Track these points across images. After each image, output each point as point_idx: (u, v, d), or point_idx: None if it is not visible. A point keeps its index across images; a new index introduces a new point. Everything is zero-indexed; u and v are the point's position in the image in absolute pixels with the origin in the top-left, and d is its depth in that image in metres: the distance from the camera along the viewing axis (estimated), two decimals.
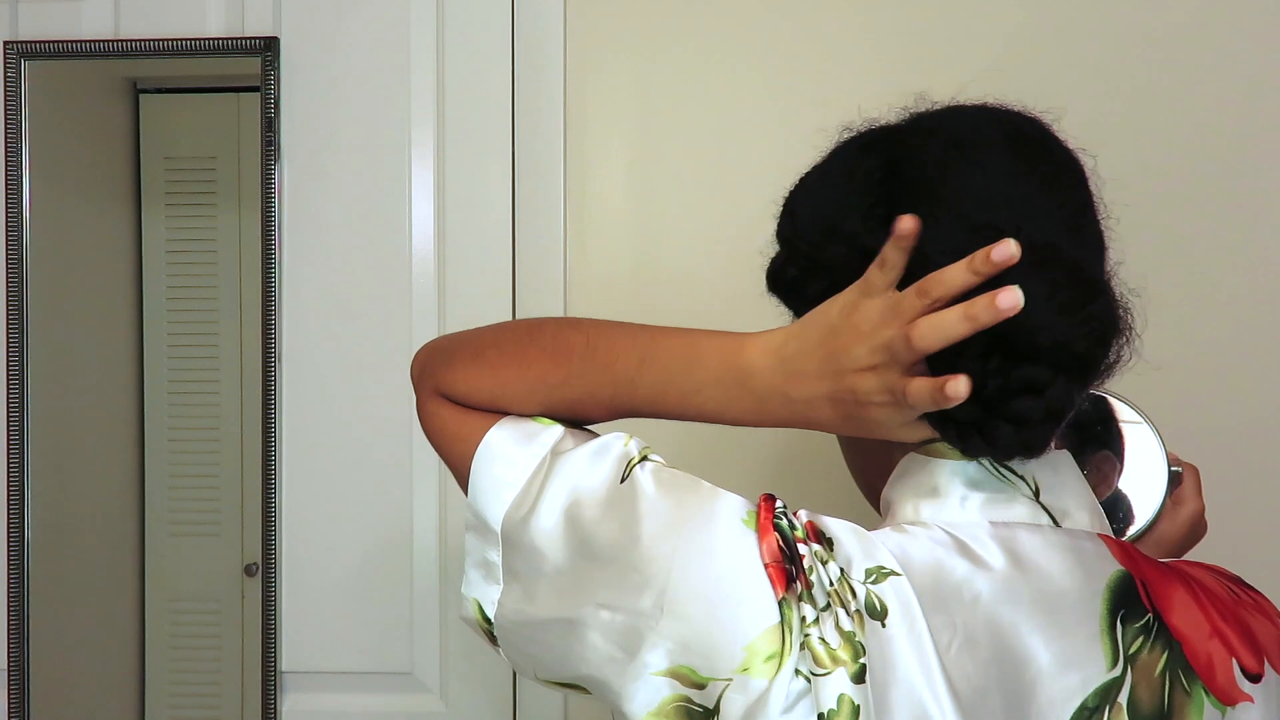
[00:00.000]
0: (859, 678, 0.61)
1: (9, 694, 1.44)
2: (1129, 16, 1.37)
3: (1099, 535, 0.70)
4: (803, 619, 0.63)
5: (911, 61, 1.39)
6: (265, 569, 1.43)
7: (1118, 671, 0.65)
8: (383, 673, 1.44)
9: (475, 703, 1.44)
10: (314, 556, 1.44)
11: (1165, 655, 0.66)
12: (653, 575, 0.66)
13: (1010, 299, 0.60)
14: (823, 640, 0.62)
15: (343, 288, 1.43)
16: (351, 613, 1.44)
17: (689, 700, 0.65)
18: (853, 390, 0.65)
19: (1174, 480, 0.96)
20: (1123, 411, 0.97)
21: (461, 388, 0.78)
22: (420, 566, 1.43)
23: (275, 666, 1.43)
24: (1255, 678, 0.67)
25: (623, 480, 0.70)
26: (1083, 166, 0.74)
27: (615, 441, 0.73)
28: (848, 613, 0.63)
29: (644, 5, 1.42)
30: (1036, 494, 0.69)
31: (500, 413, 0.77)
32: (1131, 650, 0.66)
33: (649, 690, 0.65)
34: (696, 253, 1.40)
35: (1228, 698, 0.66)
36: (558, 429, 0.75)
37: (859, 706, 0.61)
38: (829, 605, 0.63)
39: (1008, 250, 0.61)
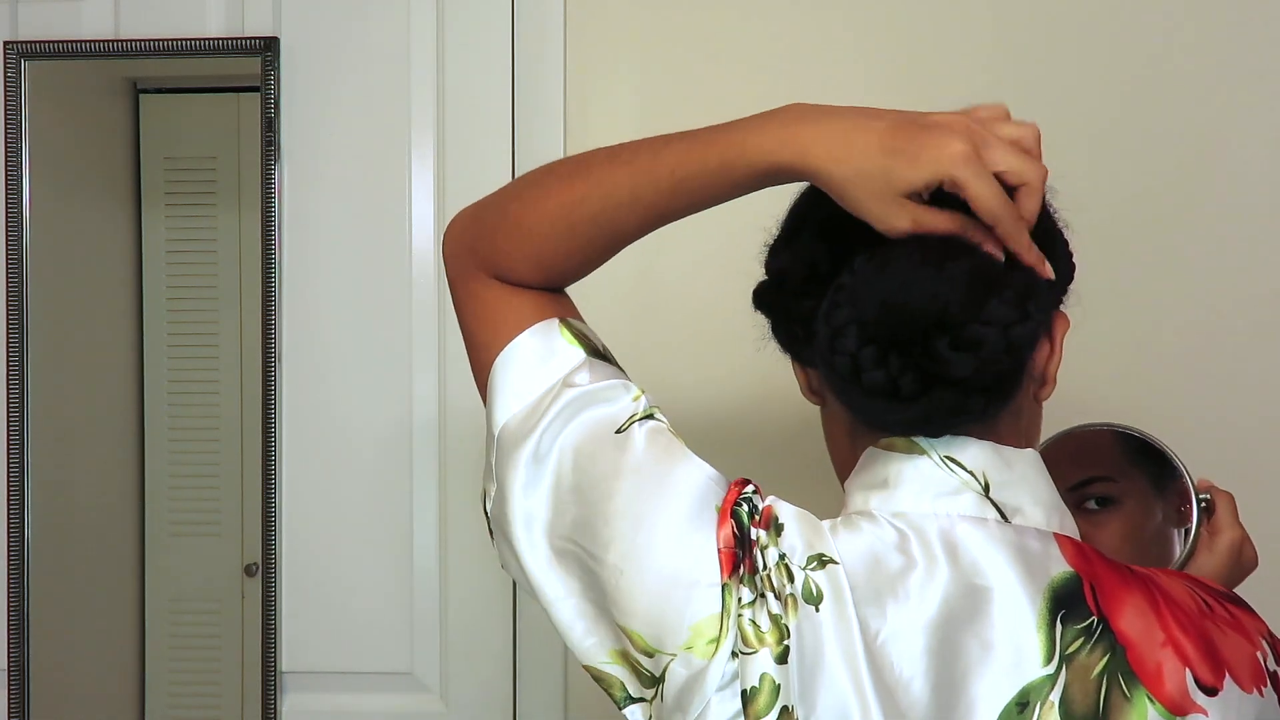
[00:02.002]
0: (782, 659, 0.65)
1: (9, 694, 1.44)
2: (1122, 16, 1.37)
3: (1055, 535, 0.71)
4: (739, 600, 0.66)
5: (911, 61, 1.39)
6: (265, 569, 1.43)
7: (1051, 669, 0.66)
8: (383, 673, 1.44)
9: (475, 703, 1.44)
10: (314, 556, 1.44)
11: (1106, 658, 0.66)
12: (619, 534, 0.69)
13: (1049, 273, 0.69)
14: (753, 622, 0.66)
15: (343, 288, 1.43)
16: (351, 613, 1.44)
17: (638, 662, 0.69)
18: (924, 126, 0.66)
19: (1206, 510, 0.94)
20: (1145, 445, 0.96)
21: (493, 253, 0.79)
22: (420, 567, 1.43)
23: (275, 666, 1.43)
24: (1211, 690, 0.66)
25: (619, 431, 0.73)
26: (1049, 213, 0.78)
27: (626, 391, 0.75)
28: (778, 597, 0.66)
29: (644, 6, 1.41)
30: (986, 489, 0.70)
31: (536, 287, 0.78)
32: (1069, 650, 0.66)
33: (606, 632, 0.70)
34: (696, 252, 1.39)
35: (1178, 708, 0.66)
36: (579, 353, 0.76)
37: (779, 685, 0.64)
38: (765, 592, 0.66)
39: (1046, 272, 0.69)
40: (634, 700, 0.71)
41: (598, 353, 0.79)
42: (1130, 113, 1.37)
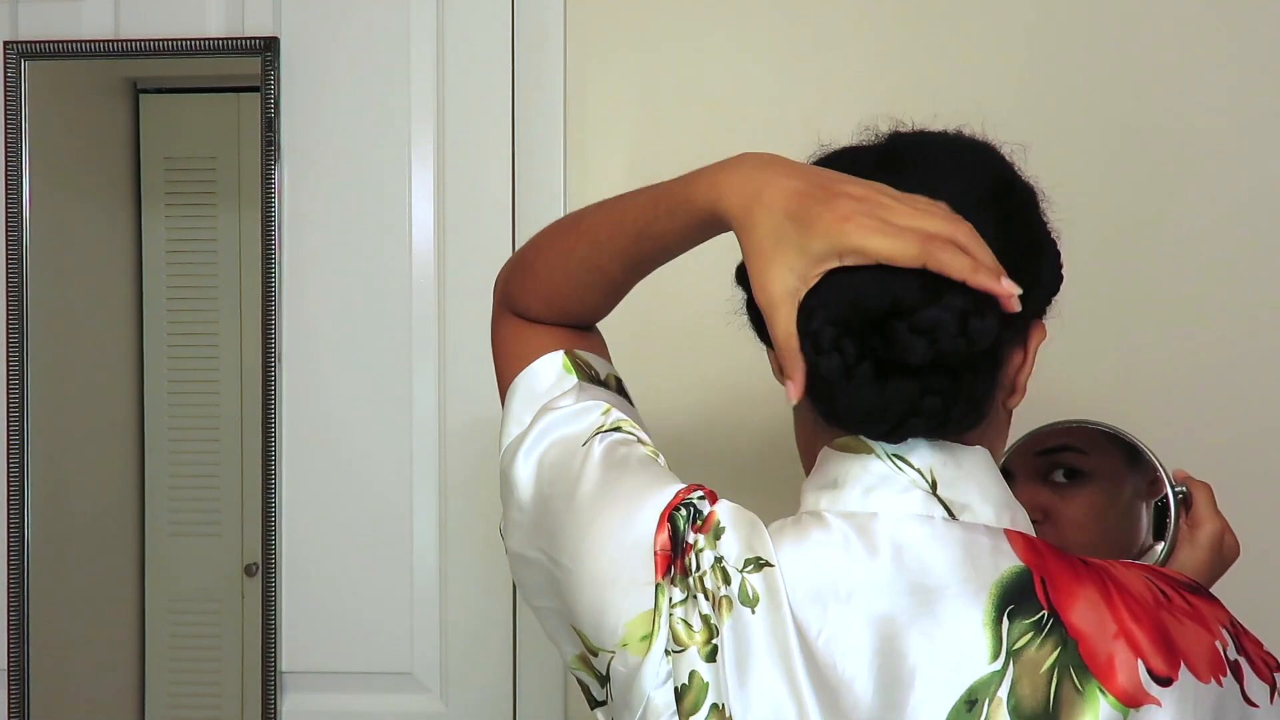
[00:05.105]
0: (710, 657, 0.67)
1: (9, 694, 1.44)
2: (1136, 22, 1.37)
3: (1006, 530, 0.70)
4: (670, 599, 0.69)
5: (913, 58, 1.39)
6: (265, 569, 1.43)
7: (998, 665, 0.66)
8: (383, 673, 1.44)
9: (475, 703, 1.44)
10: (314, 556, 1.44)
11: (1057, 652, 0.66)
12: (570, 537, 0.73)
13: (1011, 292, 0.65)
14: (684, 621, 0.68)
15: (343, 288, 1.43)
16: (351, 613, 1.44)
17: (591, 663, 0.73)
18: (830, 196, 0.67)
19: (1183, 502, 0.93)
20: (1118, 440, 0.95)
21: (517, 296, 0.86)
22: (420, 566, 1.43)
23: (275, 666, 1.43)
24: (1165, 681, 0.66)
25: (584, 444, 0.77)
26: (1035, 194, 0.77)
27: (596, 408, 0.80)
28: (709, 599, 0.68)
29: (644, 5, 1.42)
30: (933, 487, 0.70)
31: (553, 323, 0.84)
32: (1017, 645, 0.66)
33: (570, 638, 0.74)
34: (695, 252, 1.39)
35: (1130, 699, 0.65)
36: (570, 380, 0.82)
37: (708, 684, 0.66)
38: (697, 593, 0.68)
39: (1012, 296, 0.66)
40: (598, 704, 0.75)
41: (594, 379, 0.83)
42: (1122, 117, 1.37)
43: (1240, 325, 1.36)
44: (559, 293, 0.83)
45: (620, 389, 0.86)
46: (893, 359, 0.65)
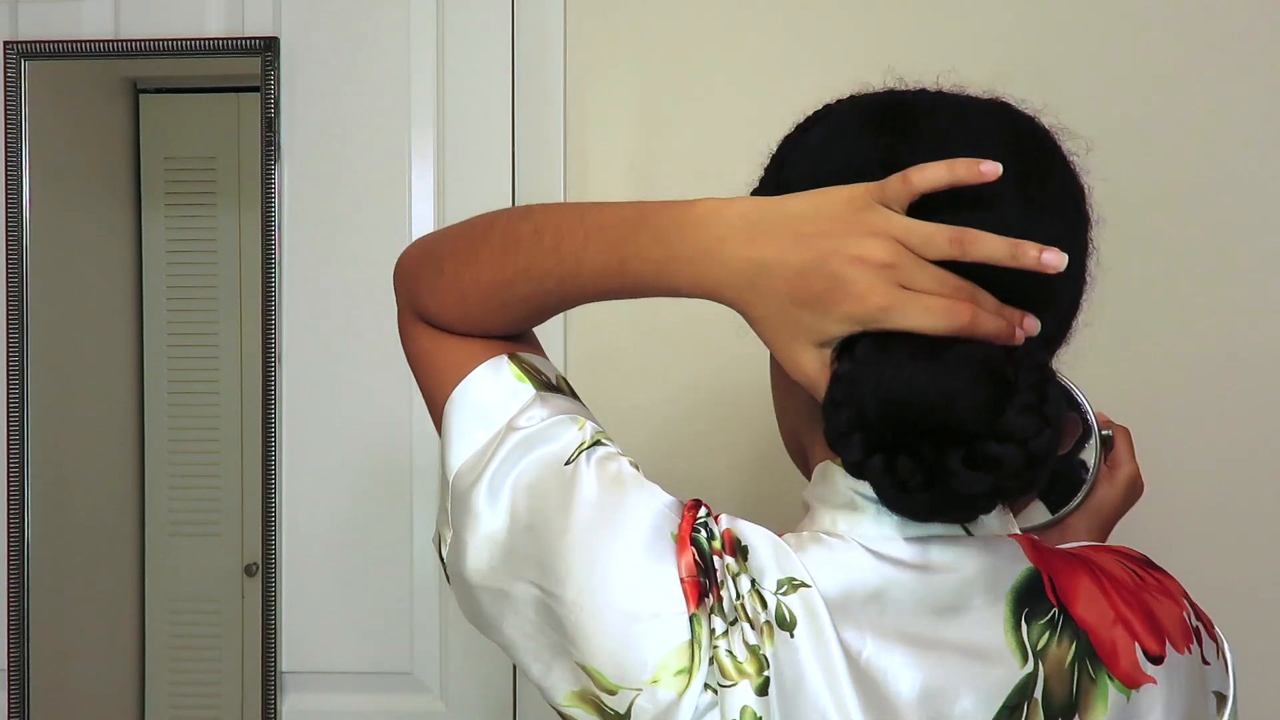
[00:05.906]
0: (762, 690, 0.63)
1: (9, 694, 1.44)
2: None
3: (1010, 536, 0.71)
4: (712, 631, 0.64)
5: (913, 63, 1.39)
6: (265, 569, 1.43)
7: (1030, 668, 0.67)
8: (383, 673, 1.44)
9: (475, 703, 1.44)
10: (314, 556, 1.44)
11: (1074, 646, 0.68)
12: (575, 569, 0.66)
13: (1055, 259, 0.61)
14: (730, 653, 0.63)
15: (343, 288, 1.43)
16: (351, 613, 1.44)
17: (600, 700, 0.66)
18: (835, 272, 0.62)
19: (1106, 444, 0.96)
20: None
21: (432, 308, 0.78)
22: (420, 566, 1.43)
23: (275, 666, 1.43)
24: (1157, 659, 0.69)
25: (567, 463, 0.70)
26: (1082, 188, 0.73)
27: (572, 423, 0.73)
28: (753, 626, 0.64)
29: (644, 6, 1.42)
30: None
31: (476, 336, 0.77)
32: (1040, 645, 0.67)
33: (564, 672, 0.67)
34: None
35: (1131, 681, 0.68)
36: (527, 390, 0.75)
37: (761, 718, 0.62)
38: (737, 619, 0.64)
39: (994, 170, 0.62)
40: None
41: (549, 385, 0.76)
42: (1133, 124, 1.37)
43: (1250, 323, 1.36)
44: (492, 319, 0.76)
45: (572, 391, 0.79)
46: (948, 479, 0.62)
